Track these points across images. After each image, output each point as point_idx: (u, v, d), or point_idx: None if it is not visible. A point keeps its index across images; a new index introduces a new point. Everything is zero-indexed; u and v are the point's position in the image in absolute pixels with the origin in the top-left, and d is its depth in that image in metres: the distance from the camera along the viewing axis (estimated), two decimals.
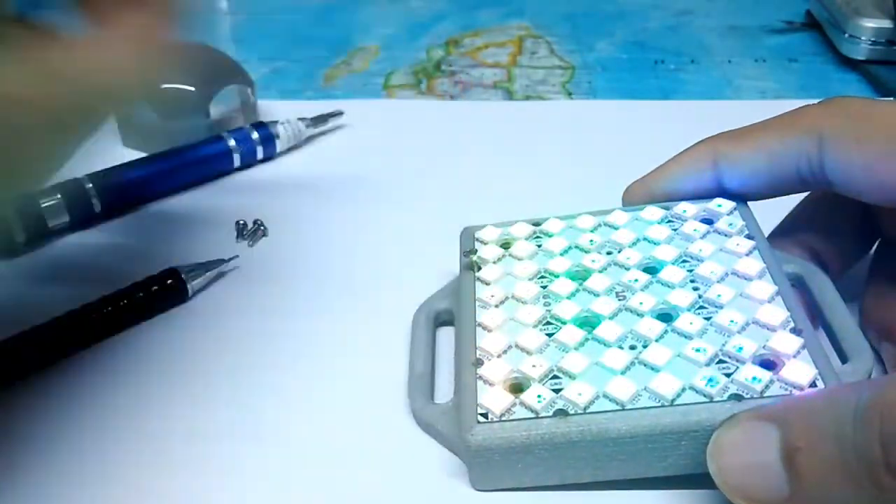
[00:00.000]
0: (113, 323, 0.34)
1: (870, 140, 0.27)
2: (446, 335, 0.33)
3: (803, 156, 0.29)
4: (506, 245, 0.32)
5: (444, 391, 0.30)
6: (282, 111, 0.52)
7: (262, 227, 0.40)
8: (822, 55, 0.62)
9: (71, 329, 0.33)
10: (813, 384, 0.24)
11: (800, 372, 0.25)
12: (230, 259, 0.37)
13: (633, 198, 0.34)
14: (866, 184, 0.28)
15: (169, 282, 0.35)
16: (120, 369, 0.32)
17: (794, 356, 0.25)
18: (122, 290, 0.34)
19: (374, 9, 0.72)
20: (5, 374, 0.31)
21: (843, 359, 0.27)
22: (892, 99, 0.30)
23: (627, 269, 0.30)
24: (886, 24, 0.57)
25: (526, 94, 0.56)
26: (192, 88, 0.46)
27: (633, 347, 0.27)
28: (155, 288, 0.35)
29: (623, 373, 0.26)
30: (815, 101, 0.53)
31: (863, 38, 0.58)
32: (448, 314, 0.33)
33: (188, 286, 0.35)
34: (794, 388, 0.24)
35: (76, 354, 0.33)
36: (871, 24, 0.58)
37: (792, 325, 0.27)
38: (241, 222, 0.40)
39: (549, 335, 0.28)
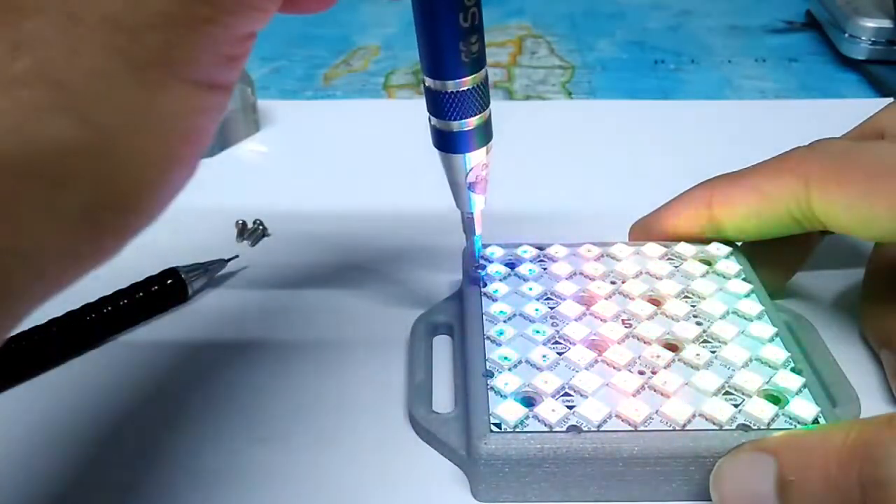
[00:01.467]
0: (112, 323, 0.34)
1: (851, 181, 0.28)
2: (440, 345, 0.33)
3: (792, 198, 0.30)
4: (511, 265, 0.33)
5: (443, 401, 0.30)
6: (281, 111, 0.52)
7: (261, 227, 0.40)
8: (822, 55, 0.62)
9: (70, 330, 0.33)
10: (815, 421, 0.25)
11: (804, 409, 0.26)
12: (230, 259, 0.37)
13: (636, 238, 0.35)
14: (852, 222, 0.29)
15: (169, 282, 0.35)
16: (119, 370, 0.32)
17: (797, 394, 0.26)
18: (121, 290, 0.34)
19: (373, 8, 0.72)
20: (3, 376, 0.31)
21: (833, 403, 0.28)
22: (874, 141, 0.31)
23: (632, 298, 0.31)
24: (886, 23, 0.57)
25: (526, 94, 0.56)
26: None
27: (641, 373, 0.27)
28: (155, 288, 0.35)
29: (634, 396, 0.26)
30: (816, 101, 0.54)
31: (863, 37, 0.58)
32: (446, 328, 0.33)
33: (188, 286, 0.35)
34: (799, 423, 0.25)
35: (76, 355, 0.33)
36: (871, 23, 0.58)
37: (792, 364, 0.28)
38: (242, 222, 0.40)
39: (560, 353, 0.28)
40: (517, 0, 0.72)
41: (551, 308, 0.30)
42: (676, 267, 0.32)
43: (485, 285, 0.32)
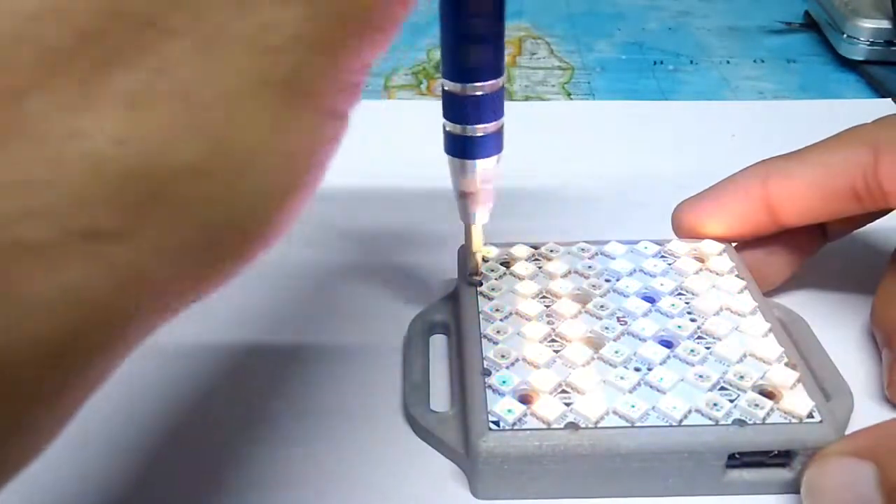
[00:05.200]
0: None
1: None
2: (436, 344, 0.33)
3: (858, 167, 0.29)
4: (506, 264, 0.33)
5: (440, 399, 0.30)
6: None
7: None
8: (820, 56, 0.62)
9: None
10: (810, 415, 0.26)
11: (798, 403, 0.26)
12: None
13: (682, 218, 0.34)
14: None
15: None
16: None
17: (791, 388, 0.27)
18: None
19: None
20: None
21: (827, 398, 0.28)
22: None
23: (627, 296, 0.31)
24: (884, 24, 0.57)
25: (525, 95, 0.57)
26: None
27: (637, 369, 0.28)
28: None
29: (630, 392, 0.27)
30: (814, 101, 0.54)
31: (861, 38, 0.58)
32: (442, 326, 0.33)
33: None
34: (794, 417, 0.26)
35: None
36: (869, 24, 0.58)
37: (786, 360, 0.28)
38: None
39: (556, 351, 0.28)
40: (516, 1, 0.72)
41: (547, 306, 0.30)
42: (670, 264, 0.32)
43: (480, 284, 0.32)
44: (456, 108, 0.27)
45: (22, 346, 0.13)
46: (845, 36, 0.59)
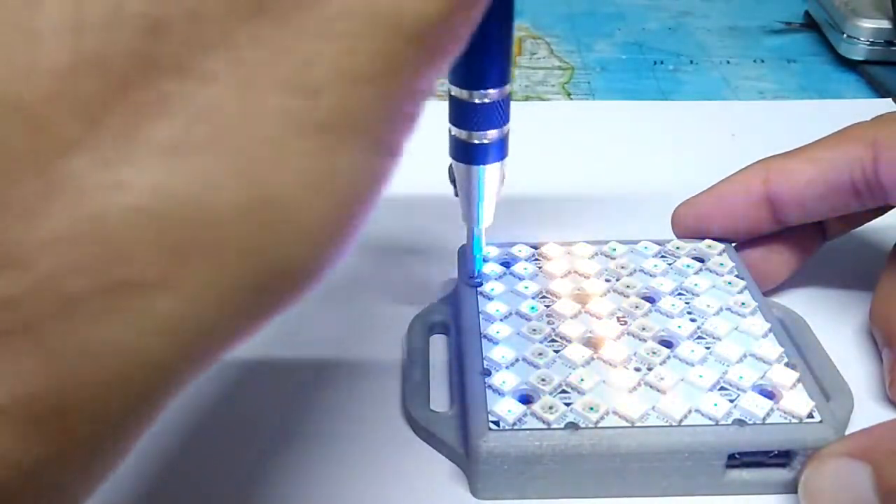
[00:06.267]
0: None
1: None
2: (436, 345, 0.33)
3: (857, 163, 0.30)
4: (506, 264, 0.33)
5: (440, 399, 0.30)
6: None
7: None
8: (820, 56, 0.62)
9: None
10: (810, 415, 0.26)
11: (798, 403, 0.26)
12: None
13: (682, 218, 0.34)
14: None
15: None
16: None
17: (791, 388, 0.27)
18: None
19: None
20: None
21: (827, 398, 0.28)
22: None
23: (627, 296, 0.31)
24: (884, 24, 0.57)
25: (525, 95, 0.57)
26: None
27: (637, 369, 0.28)
28: None
29: (630, 392, 0.27)
30: (814, 101, 0.54)
31: (861, 38, 0.58)
32: (442, 327, 0.33)
33: None
34: (794, 417, 0.26)
35: None
36: (869, 24, 0.58)
37: (786, 360, 0.28)
38: None
39: (556, 351, 0.28)
40: (516, 1, 0.72)
41: (547, 306, 0.30)
42: (670, 264, 0.33)
43: (480, 284, 0.32)
44: (462, 115, 0.27)
45: (66, 400, 0.13)
46: (845, 36, 0.59)
